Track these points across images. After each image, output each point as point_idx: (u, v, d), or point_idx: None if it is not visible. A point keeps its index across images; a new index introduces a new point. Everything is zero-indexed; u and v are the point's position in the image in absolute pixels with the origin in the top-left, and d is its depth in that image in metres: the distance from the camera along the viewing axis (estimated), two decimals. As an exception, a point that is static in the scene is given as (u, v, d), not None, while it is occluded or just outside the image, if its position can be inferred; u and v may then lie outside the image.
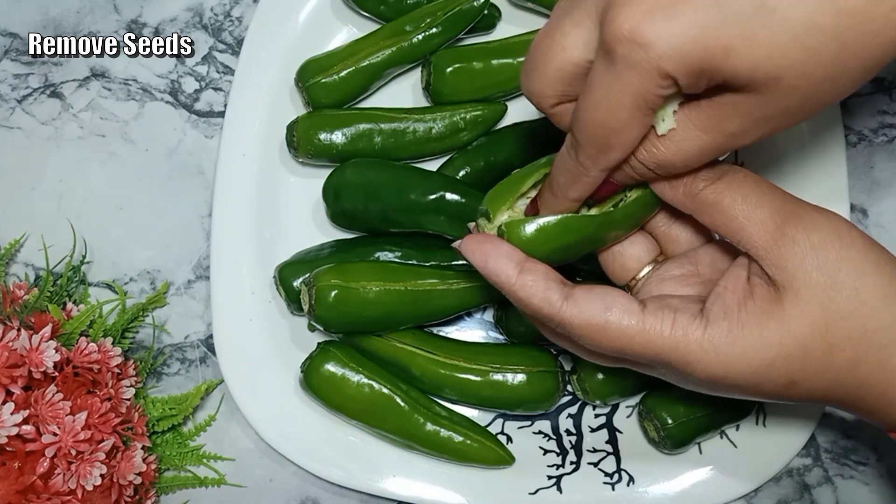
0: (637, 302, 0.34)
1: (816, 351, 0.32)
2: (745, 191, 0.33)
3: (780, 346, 0.32)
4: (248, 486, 0.52)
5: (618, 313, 0.33)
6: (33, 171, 0.54)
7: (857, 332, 0.32)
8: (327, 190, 0.48)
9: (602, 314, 0.33)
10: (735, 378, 0.32)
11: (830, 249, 0.32)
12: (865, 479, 0.52)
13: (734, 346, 0.32)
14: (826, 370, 0.32)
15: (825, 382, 0.32)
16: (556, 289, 0.34)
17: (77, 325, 0.46)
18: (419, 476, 0.49)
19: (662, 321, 0.33)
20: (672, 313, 0.33)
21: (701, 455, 0.49)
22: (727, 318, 0.32)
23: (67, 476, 0.40)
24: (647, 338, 0.33)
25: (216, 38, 0.56)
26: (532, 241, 0.35)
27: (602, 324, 0.33)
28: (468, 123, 0.50)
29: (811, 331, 0.31)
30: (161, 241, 0.53)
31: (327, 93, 0.50)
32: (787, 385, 0.33)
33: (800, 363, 0.32)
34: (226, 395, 0.52)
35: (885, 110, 0.54)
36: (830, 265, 0.32)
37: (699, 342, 0.32)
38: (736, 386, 0.33)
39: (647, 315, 0.33)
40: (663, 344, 0.33)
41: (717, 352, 0.32)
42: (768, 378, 0.32)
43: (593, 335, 0.33)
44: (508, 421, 0.51)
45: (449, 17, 0.50)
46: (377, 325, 0.47)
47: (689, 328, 0.33)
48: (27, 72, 0.55)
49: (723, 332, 0.32)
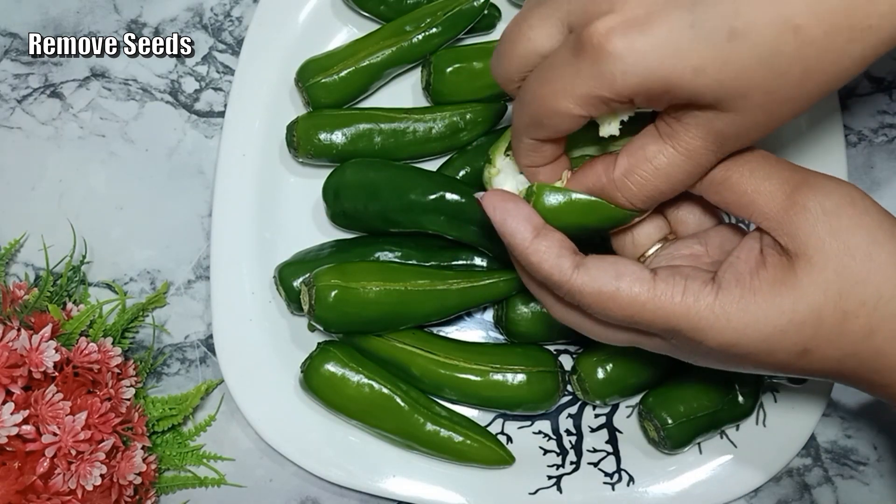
0: (648, 270, 0.34)
1: (830, 318, 0.31)
2: (753, 165, 0.33)
3: (793, 312, 0.31)
4: (248, 486, 0.52)
5: (629, 281, 0.33)
6: (33, 171, 0.54)
7: (871, 298, 0.31)
8: (327, 190, 0.48)
9: (613, 282, 0.33)
10: (747, 346, 0.32)
11: (843, 215, 0.31)
12: (865, 479, 0.52)
13: (746, 313, 0.32)
14: (840, 338, 0.32)
15: (839, 352, 0.32)
16: (569, 256, 0.34)
17: (77, 325, 0.46)
18: (419, 476, 0.49)
19: (674, 287, 0.33)
20: (683, 280, 0.33)
21: (701, 455, 0.49)
22: (739, 284, 0.32)
23: (67, 476, 0.40)
24: (658, 304, 0.32)
25: (216, 38, 0.56)
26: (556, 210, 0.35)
27: (613, 291, 0.33)
28: (468, 123, 0.50)
29: (824, 297, 0.31)
30: (161, 241, 0.54)
31: (327, 93, 0.50)
32: (800, 354, 0.32)
33: (813, 330, 0.31)
34: (226, 395, 0.52)
35: (885, 110, 0.54)
36: (844, 230, 0.31)
37: (710, 308, 0.32)
38: (748, 354, 0.33)
39: (659, 282, 0.33)
40: (674, 310, 0.32)
41: (729, 318, 0.32)
42: (781, 346, 0.32)
43: (604, 303, 0.33)
44: (508, 421, 0.51)
45: (449, 17, 0.50)
46: (377, 325, 0.47)
47: (700, 294, 0.32)
48: (27, 72, 0.55)
49: (734, 298, 0.32)
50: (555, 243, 0.34)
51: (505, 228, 0.34)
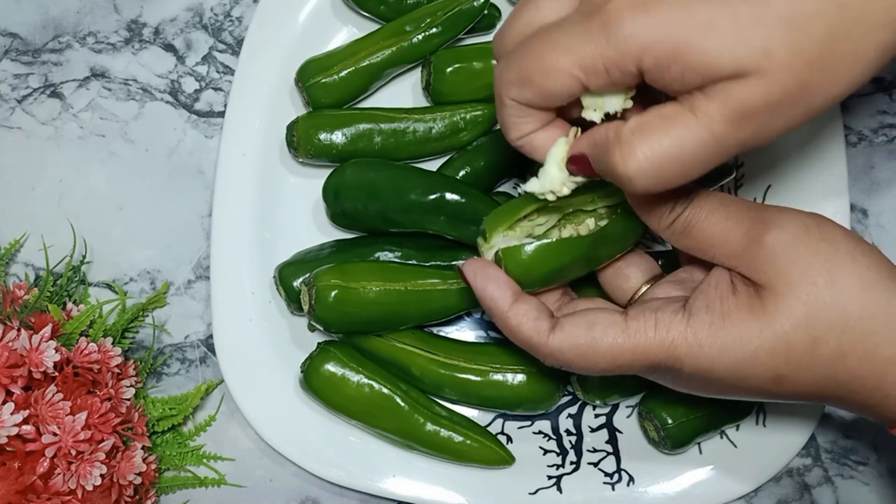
0: (618, 312, 0.35)
1: (800, 344, 0.32)
2: (707, 212, 0.34)
3: (762, 338, 0.32)
4: (248, 486, 0.52)
5: (601, 328, 0.34)
6: (33, 171, 0.54)
7: (838, 321, 0.32)
8: (327, 190, 0.48)
9: (587, 333, 0.34)
10: (721, 371, 0.33)
11: (800, 244, 0.32)
12: (865, 479, 0.52)
13: (717, 339, 0.32)
14: (812, 363, 0.32)
15: (814, 376, 0.33)
16: (546, 320, 0.35)
17: (77, 325, 0.46)
18: (419, 476, 0.49)
19: (646, 323, 0.34)
20: (653, 314, 0.34)
21: (701, 455, 0.49)
22: (709, 311, 0.33)
23: (67, 476, 0.40)
24: (635, 343, 0.33)
25: (216, 38, 0.56)
26: (529, 263, 0.36)
27: (589, 342, 0.34)
28: (468, 123, 0.50)
29: (792, 324, 0.32)
30: (161, 241, 0.53)
31: (327, 93, 0.50)
32: (774, 379, 0.33)
33: (784, 357, 0.32)
34: (226, 395, 0.52)
35: (885, 110, 0.54)
36: (802, 259, 0.32)
37: (683, 335, 0.33)
38: (723, 380, 0.33)
39: (630, 321, 0.34)
40: (650, 344, 0.33)
41: (701, 344, 0.33)
42: (753, 372, 0.33)
43: (583, 355, 0.34)
44: (508, 421, 0.51)
45: (449, 17, 0.50)
46: (377, 325, 0.47)
47: (672, 323, 0.33)
48: (27, 72, 0.55)
49: (705, 324, 0.33)
50: (532, 308, 0.35)
51: (485, 294, 0.36)
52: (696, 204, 0.34)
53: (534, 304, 0.35)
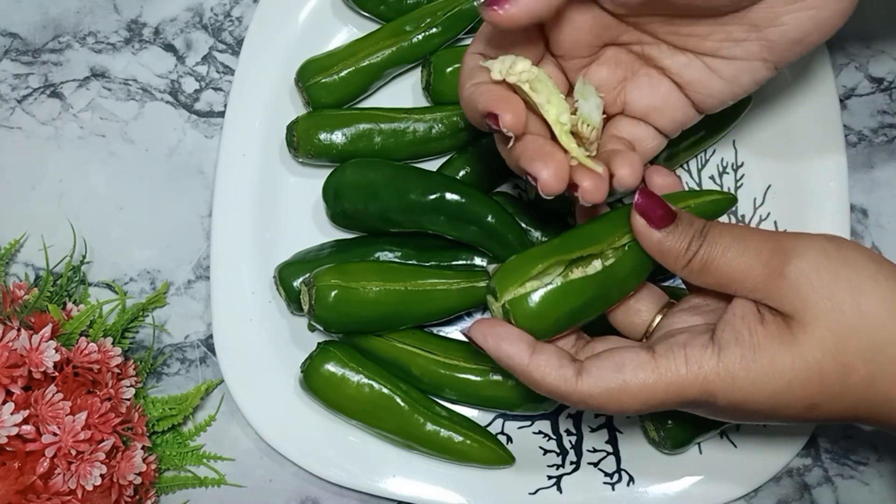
0: (646, 350, 0.34)
1: (832, 373, 0.32)
2: (724, 247, 0.34)
3: (794, 370, 0.32)
4: (248, 486, 0.52)
5: (631, 370, 0.33)
6: (33, 171, 0.54)
7: (866, 348, 0.32)
8: (327, 190, 0.48)
9: (617, 376, 0.33)
10: (755, 403, 0.33)
11: (822, 272, 0.32)
12: (865, 479, 0.52)
13: (749, 372, 0.32)
14: (845, 391, 0.32)
15: (846, 403, 0.33)
16: (569, 365, 0.34)
17: (77, 325, 0.46)
18: (419, 476, 0.49)
19: (675, 361, 0.33)
20: (682, 350, 0.33)
21: (701, 455, 0.49)
22: (739, 343, 0.33)
23: (67, 476, 0.40)
24: (667, 382, 0.33)
25: (216, 38, 0.56)
26: (538, 311, 0.36)
27: (620, 385, 0.33)
28: (468, 123, 0.50)
29: (822, 353, 0.32)
30: (161, 241, 0.53)
31: (327, 93, 0.50)
32: (809, 408, 0.33)
33: (818, 386, 0.32)
34: (226, 395, 0.52)
35: (885, 110, 0.54)
36: (825, 288, 0.32)
37: (716, 371, 0.33)
38: (758, 411, 0.33)
39: (660, 360, 0.33)
40: (683, 382, 0.33)
41: (734, 378, 0.32)
42: (788, 401, 0.33)
43: (616, 398, 0.33)
44: (508, 421, 0.51)
45: (449, 17, 0.50)
46: (377, 325, 0.47)
47: (702, 359, 0.33)
48: (27, 72, 0.55)
49: (736, 358, 0.32)
50: (553, 356, 0.35)
51: (500, 353, 0.35)
52: (711, 241, 0.34)
53: (553, 352, 0.35)
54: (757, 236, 0.34)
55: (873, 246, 0.54)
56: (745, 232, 0.34)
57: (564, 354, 0.35)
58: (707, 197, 0.39)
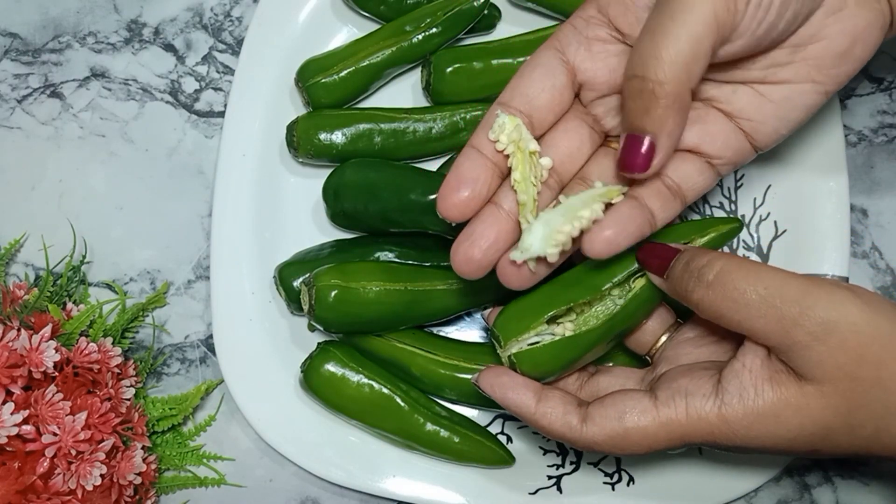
0: (648, 396, 0.35)
1: (838, 431, 0.32)
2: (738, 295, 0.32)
3: (800, 430, 0.32)
4: (248, 486, 0.52)
5: (634, 417, 0.34)
6: (33, 171, 0.54)
7: (878, 412, 0.32)
8: (327, 190, 0.48)
9: (620, 424, 0.34)
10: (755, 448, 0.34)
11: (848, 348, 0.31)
12: (865, 479, 0.52)
13: (751, 430, 0.33)
14: (850, 441, 0.33)
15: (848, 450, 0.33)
16: (574, 413, 0.36)
17: (77, 325, 0.46)
18: (419, 476, 0.49)
19: (677, 409, 0.34)
20: (684, 399, 0.34)
21: (701, 455, 0.49)
22: (742, 400, 0.33)
23: (67, 476, 0.40)
24: (668, 429, 0.34)
25: (216, 38, 0.56)
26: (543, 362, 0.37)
27: (623, 432, 0.34)
28: (468, 123, 0.50)
29: (833, 415, 0.32)
30: (161, 241, 0.53)
31: (327, 93, 0.50)
32: (810, 452, 0.34)
33: (822, 440, 0.33)
34: (226, 395, 0.52)
35: (885, 110, 0.54)
36: (851, 364, 0.31)
37: (716, 424, 0.33)
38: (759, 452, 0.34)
39: (661, 407, 0.34)
40: (685, 431, 0.34)
41: (735, 431, 0.33)
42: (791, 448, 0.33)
43: (618, 444, 0.34)
44: (508, 421, 0.51)
45: (449, 17, 0.50)
46: (377, 325, 0.47)
47: (703, 409, 0.33)
48: (27, 72, 0.55)
49: (738, 415, 0.33)
50: (558, 402, 0.36)
51: (508, 402, 0.37)
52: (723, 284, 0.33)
53: (559, 399, 0.36)
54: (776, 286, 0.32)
55: (873, 246, 0.54)
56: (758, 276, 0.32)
57: (570, 400, 0.36)
58: (711, 231, 0.39)
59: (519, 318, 0.38)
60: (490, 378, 0.37)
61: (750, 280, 0.32)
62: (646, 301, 0.38)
